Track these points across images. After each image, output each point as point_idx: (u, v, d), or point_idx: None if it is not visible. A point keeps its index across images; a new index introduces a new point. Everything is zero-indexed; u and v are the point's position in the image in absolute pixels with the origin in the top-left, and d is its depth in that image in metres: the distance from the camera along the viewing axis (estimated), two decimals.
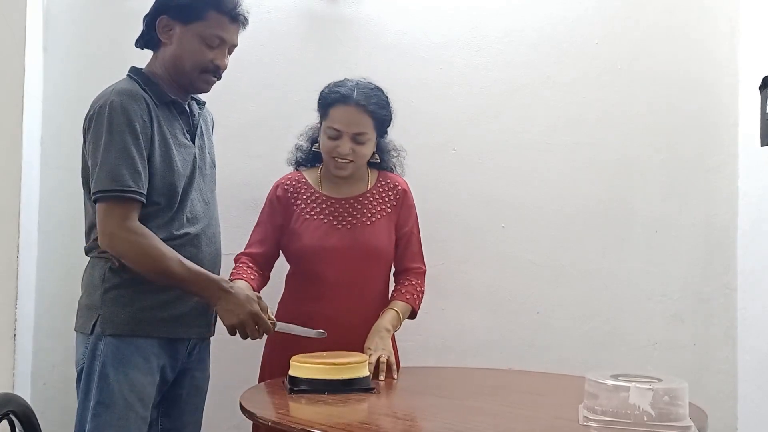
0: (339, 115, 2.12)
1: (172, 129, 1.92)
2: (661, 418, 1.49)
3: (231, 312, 1.86)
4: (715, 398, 2.56)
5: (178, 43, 1.93)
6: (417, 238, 2.27)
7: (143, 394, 1.85)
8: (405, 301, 2.17)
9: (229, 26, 1.95)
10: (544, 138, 2.71)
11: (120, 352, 1.83)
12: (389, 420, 1.72)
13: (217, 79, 1.99)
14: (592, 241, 2.70)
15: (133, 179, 1.79)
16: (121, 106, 1.81)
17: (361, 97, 2.12)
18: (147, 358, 1.86)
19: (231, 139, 2.53)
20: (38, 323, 2.59)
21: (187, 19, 1.91)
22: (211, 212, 2.03)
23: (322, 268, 2.15)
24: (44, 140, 2.60)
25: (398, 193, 2.24)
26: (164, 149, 1.88)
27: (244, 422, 1.85)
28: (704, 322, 2.68)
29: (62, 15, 2.61)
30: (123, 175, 1.78)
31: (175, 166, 1.89)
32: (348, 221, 2.18)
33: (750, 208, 2.61)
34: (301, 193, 2.22)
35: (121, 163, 1.79)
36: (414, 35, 2.70)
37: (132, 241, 1.80)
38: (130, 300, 1.85)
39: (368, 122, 2.13)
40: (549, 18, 2.71)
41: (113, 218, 1.79)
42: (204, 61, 1.93)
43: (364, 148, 2.15)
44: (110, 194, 1.79)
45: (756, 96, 2.51)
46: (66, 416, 2.53)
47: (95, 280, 1.88)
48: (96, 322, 1.85)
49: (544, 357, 2.64)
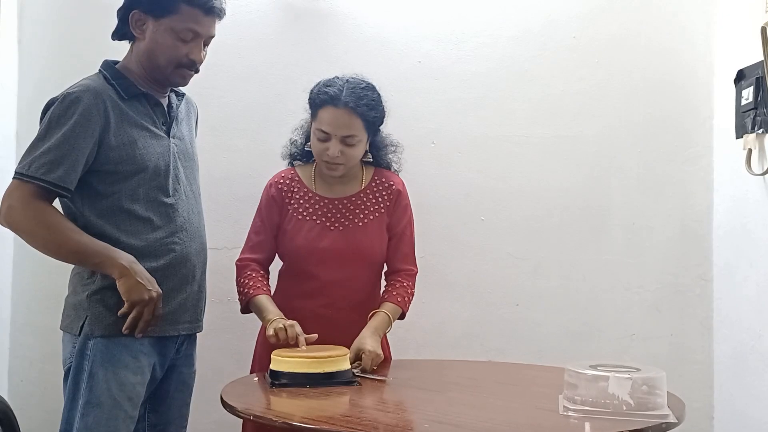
0: (327, 118, 2.08)
1: (140, 122, 1.89)
2: (639, 407, 1.51)
3: (132, 290, 1.79)
4: (692, 387, 2.59)
5: (151, 38, 1.89)
6: (409, 239, 2.25)
7: (132, 394, 1.84)
8: (395, 303, 2.16)
9: (203, 19, 1.91)
10: (523, 131, 2.72)
11: (109, 352, 1.82)
12: (372, 412, 1.72)
13: (194, 72, 1.96)
14: (570, 234, 2.72)
15: (51, 170, 1.77)
16: (69, 100, 1.80)
17: (350, 98, 2.07)
18: (136, 357, 1.85)
19: (209, 132, 2.51)
20: (14, 319, 2.56)
21: (159, 14, 1.87)
22: (193, 204, 2.01)
23: (314, 268, 2.14)
24: (19, 135, 2.56)
25: (392, 193, 2.22)
26: (129, 142, 1.85)
27: (232, 417, 1.84)
28: (680, 313, 2.71)
29: (37, 7, 2.58)
30: (43, 164, 1.76)
31: (140, 158, 1.86)
32: (341, 222, 2.17)
33: (725, 200, 2.64)
34: (295, 192, 2.20)
35: (48, 151, 1.77)
36: (392, 29, 2.70)
37: (25, 218, 1.79)
38: (118, 300, 1.83)
39: (358, 124, 2.09)
40: (527, 12, 2.72)
41: (15, 196, 1.78)
42: (178, 56, 1.90)
43: (354, 150, 2.11)
44: (25, 178, 1.77)
45: (731, 89, 2.54)
46: (44, 412, 2.51)
47: (83, 280, 1.87)
48: (84, 323, 1.83)
49: (523, 348, 2.66)
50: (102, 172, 1.84)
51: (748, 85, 2.41)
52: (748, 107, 2.40)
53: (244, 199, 2.46)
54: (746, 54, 2.42)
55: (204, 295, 2.05)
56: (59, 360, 1.91)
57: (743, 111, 2.45)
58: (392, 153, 2.28)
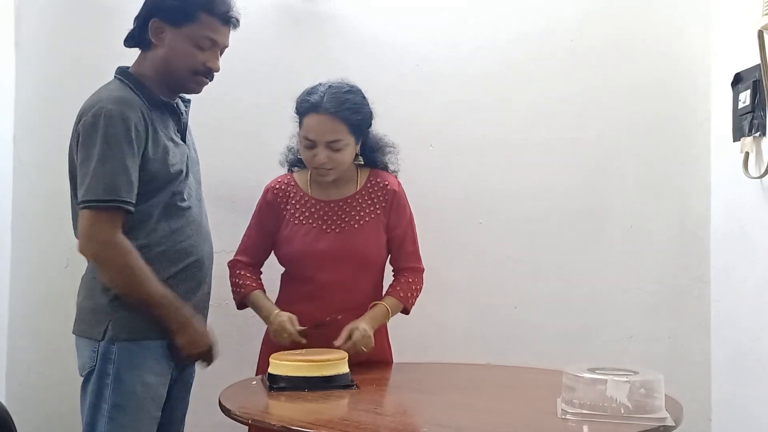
0: (311, 125, 2.09)
1: (166, 131, 1.91)
2: (637, 410, 1.52)
3: (194, 343, 1.89)
4: (690, 389, 2.59)
5: (170, 46, 1.90)
6: (411, 238, 2.25)
7: (156, 395, 1.88)
8: (397, 297, 2.17)
9: (220, 28, 1.93)
10: (521, 134, 2.72)
11: (134, 356, 1.84)
12: (369, 416, 1.72)
13: (209, 80, 1.98)
14: (569, 236, 2.72)
15: (127, 191, 1.78)
16: (119, 115, 1.78)
17: (331, 104, 2.07)
18: (158, 360, 1.88)
19: (207, 136, 2.50)
20: (12, 323, 2.56)
21: (178, 22, 1.89)
22: (203, 209, 2.04)
23: (312, 272, 2.15)
24: (17, 138, 2.56)
25: (388, 193, 2.21)
26: (163, 152, 1.87)
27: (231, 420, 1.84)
28: (679, 315, 2.71)
29: (34, 10, 2.58)
30: (119, 186, 1.77)
31: (173, 169, 1.89)
32: (337, 225, 2.17)
33: (722, 202, 2.64)
34: (291, 197, 2.21)
35: (118, 173, 1.77)
36: (390, 32, 2.71)
37: (113, 256, 1.80)
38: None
39: (342, 128, 2.08)
40: (525, 15, 2.73)
41: (102, 228, 1.78)
42: (195, 64, 1.92)
43: (341, 155, 2.11)
44: (103, 204, 1.77)
45: (728, 92, 2.54)
46: (42, 416, 2.51)
47: (101, 284, 1.86)
48: (107, 327, 1.84)
49: (522, 351, 2.66)
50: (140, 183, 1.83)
51: (745, 88, 2.42)
52: (746, 110, 2.41)
53: (242, 203, 2.46)
54: (743, 57, 2.43)
55: (209, 297, 2.08)
56: (58, 363, 1.92)
57: (740, 114, 2.45)
58: (388, 154, 2.28)
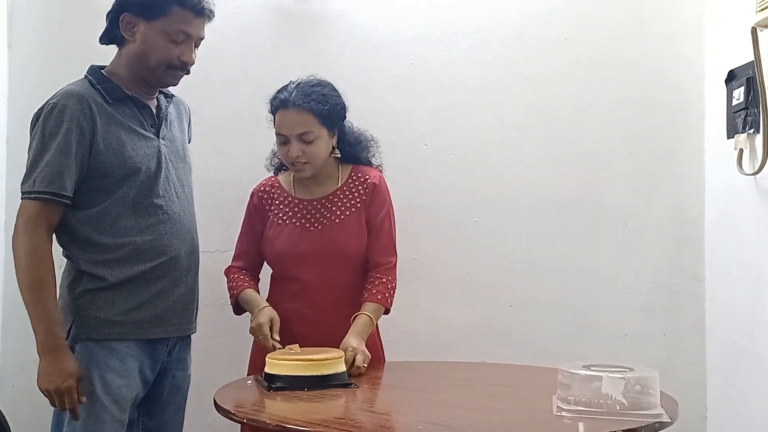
0: (281, 120, 2.12)
1: (127, 124, 1.89)
2: (633, 406, 1.51)
3: (48, 377, 1.75)
4: (685, 387, 2.59)
5: (143, 40, 1.89)
6: (388, 230, 2.23)
7: (119, 397, 1.84)
8: (376, 302, 2.14)
9: (193, 20, 1.91)
10: (516, 133, 2.72)
11: (95, 355, 1.82)
12: (365, 415, 1.72)
13: (185, 73, 1.97)
14: (564, 235, 2.72)
15: (51, 182, 1.78)
16: (59, 109, 1.80)
17: (298, 97, 2.09)
18: (123, 360, 1.85)
19: (202, 136, 2.50)
20: (5, 325, 2.54)
21: (150, 16, 1.87)
22: (185, 206, 2.00)
23: (297, 271, 2.16)
24: (10, 139, 2.55)
25: (368, 186, 2.21)
26: (118, 145, 1.85)
27: (227, 420, 1.83)
28: (673, 314, 2.72)
29: (27, 12, 2.57)
30: (45, 178, 1.77)
31: (131, 161, 1.86)
32: (319, 221, 2.18)
33: (717, 200, 2.65)
34: (275, 198, 2.22)
35: (47, 165, 1.78)
36: (385, 31, 2.70)
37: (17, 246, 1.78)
38: (104, 303, 1.83)
39: (310, 120, 2.09)
40: (519, 14, 2.73)
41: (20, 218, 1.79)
42: (170, 58, 1.90)
43: (314, 147, 2.11)
44: (26, 195, 1.78)
45: (722, 89, 2.55)
46: (36, 418, 2.49)
47: (70, 284, 1.86)
48: (71, 327, 1.83)
49: (517, 349, 2.65)
50: (94, 177, 1.84)
51: (738, 85, 2.42)
52: (739, 107, 2.41)
53: (237, 203, 2.45)
54: (737, 54, 2.43)
55: (196, 297, 2.04)
56: None
57: (734, 111, 2.46)
58: (368, 148, 2.27)
